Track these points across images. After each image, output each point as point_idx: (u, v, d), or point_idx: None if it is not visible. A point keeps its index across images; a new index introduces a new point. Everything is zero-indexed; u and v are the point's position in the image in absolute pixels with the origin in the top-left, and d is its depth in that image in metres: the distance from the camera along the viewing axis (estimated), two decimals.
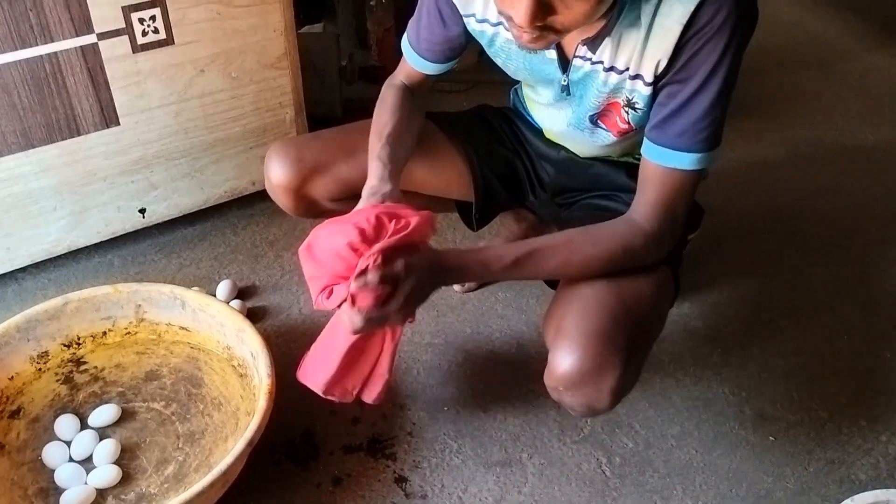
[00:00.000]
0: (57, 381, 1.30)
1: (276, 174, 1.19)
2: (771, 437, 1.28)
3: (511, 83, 1.27)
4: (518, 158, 1.31)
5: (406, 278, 0.93)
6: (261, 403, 1.12)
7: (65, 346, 1.32)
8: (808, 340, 1.46)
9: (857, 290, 1.58)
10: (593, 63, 1.00)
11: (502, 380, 1.37)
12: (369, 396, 1.10)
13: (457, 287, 1.55)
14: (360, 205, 1.03)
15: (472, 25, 1.09)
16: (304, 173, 1.19)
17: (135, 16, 1.34)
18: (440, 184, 1.29)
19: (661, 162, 0.98)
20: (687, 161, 0.97)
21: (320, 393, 1.07)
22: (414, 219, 0.96)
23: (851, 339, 1.46)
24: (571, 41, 1.00)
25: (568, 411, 1.05)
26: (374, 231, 0.94)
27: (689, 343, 1.45)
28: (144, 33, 1.36)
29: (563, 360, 0.96)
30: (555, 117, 1.17)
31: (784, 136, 2.06)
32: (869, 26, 2.60)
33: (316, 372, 1.08)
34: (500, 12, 0.90)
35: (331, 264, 0.96)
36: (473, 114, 1.36)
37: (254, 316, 1.47)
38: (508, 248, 1.00)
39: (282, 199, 1.23)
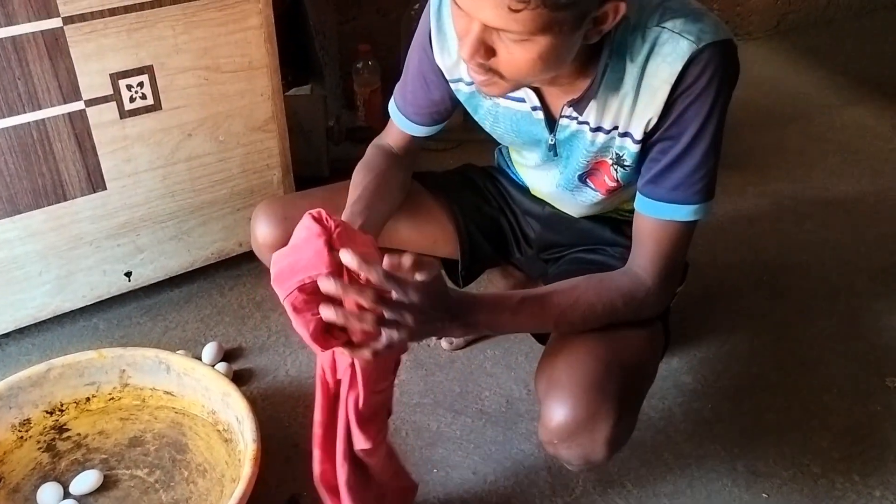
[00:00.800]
0: (39, 449, 1.28)
1: (262, 232, 1.19)
2: (764, 495, 1.26)
3: (496, 142, 1.28)
4: (503, 216, 1.32)
5: (415, 292, 0.85)
6: (246, 470, 1.10)
7: (47, 413, 1.30)
8: (797, 394, 1.46)
9: (844, 344, 1.58)
10: (580, 123, 1.02)
11: (492, 440, 1.35)
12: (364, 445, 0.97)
13: (444, 344, 1.54)
14: None
15: (462, 90, 1.11)
16: (290, 231, 1.19)
17: (122, 83, 1.35)
18: (426, 242, 1.29)
19: (657, 215, 1.00)
20: (682, 213, 0.99)
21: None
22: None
23: (841, 393, 1.46)
24: (557, 102, 1.02)
25: (562, 469, 1.04)
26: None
27: (679, 398, 1.44)
28: (132, 99, 1.38)
29: (556, 412, 0.96)
30: (543, 179, 1.18)
31: (766, 190, 2.08)
32: (844, 81, 2.66)
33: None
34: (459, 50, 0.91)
35: (297, 255, 0.89)
36: (458, 173, 1.37)
37: (240, 378, 1.46)
38: (514, 291, 1.00)
39: (268, 257, 1.22)
